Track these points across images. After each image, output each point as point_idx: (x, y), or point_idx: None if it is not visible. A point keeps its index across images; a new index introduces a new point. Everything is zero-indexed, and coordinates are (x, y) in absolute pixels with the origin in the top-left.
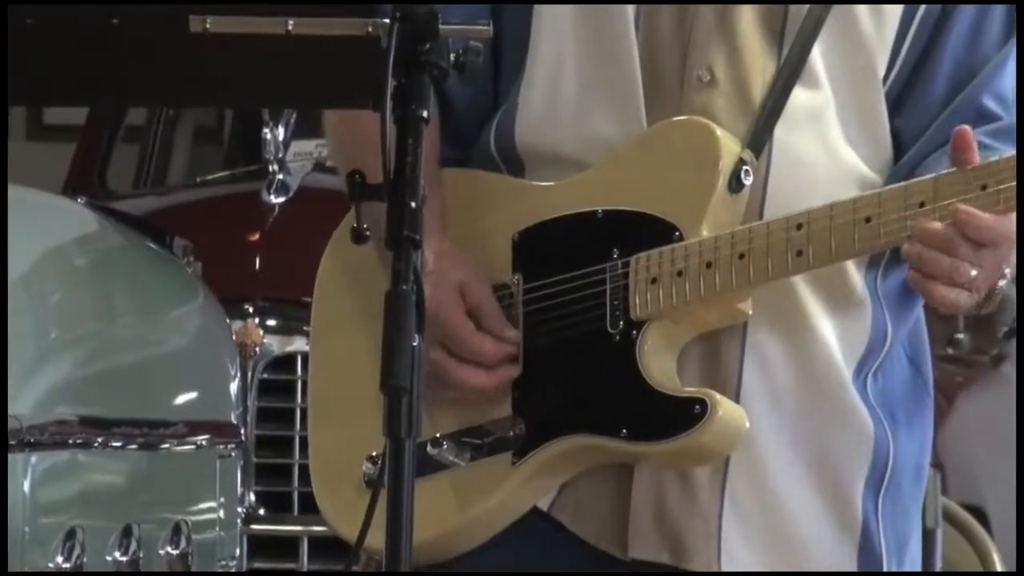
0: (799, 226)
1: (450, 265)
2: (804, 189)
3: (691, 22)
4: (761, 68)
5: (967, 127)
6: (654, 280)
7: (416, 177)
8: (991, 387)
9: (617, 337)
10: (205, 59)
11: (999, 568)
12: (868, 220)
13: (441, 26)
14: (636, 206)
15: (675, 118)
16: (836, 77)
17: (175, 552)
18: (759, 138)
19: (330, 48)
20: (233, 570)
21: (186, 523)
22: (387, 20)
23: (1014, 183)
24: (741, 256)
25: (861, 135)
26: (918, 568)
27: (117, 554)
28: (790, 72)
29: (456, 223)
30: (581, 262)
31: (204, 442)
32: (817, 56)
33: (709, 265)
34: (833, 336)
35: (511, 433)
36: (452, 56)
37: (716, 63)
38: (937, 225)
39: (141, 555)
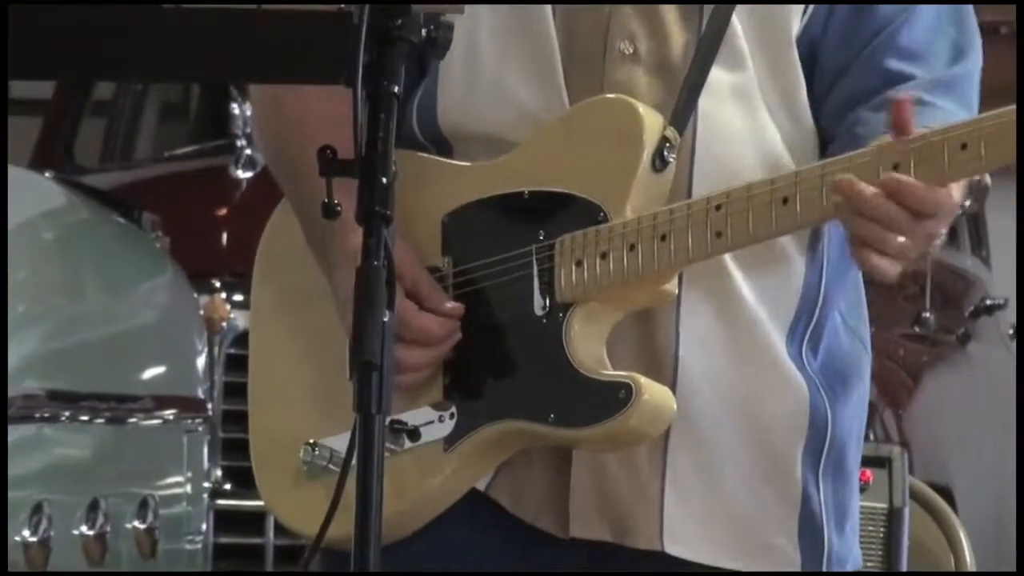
0: (718, 207)
1: None
2: (731, 162)
3: None
4: (683, 42)
5: (906, 98)
6: (579, 262)
7: (388, 153)
8: (958, 366)
9: (544, 320)
10: (177, 34)
11: (966, 547)
12: (785, 201)
13: (413, 3)
14: (561, 187)
15: (598, 96)
16: (755, 48)
17: (142, 526)
18: (683, 115)
19: (302, 23)
20: (199, 544)
21: (153, 498)
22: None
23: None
24: (663, 238)
25: (781, 104)
26: (856, 535)
27: (84, 528)
28: (710, 45)
29: None
30: (508, 244)
31: (171, 417)
32: (736, 26)
33: (632, 247)
34: (760, 302)
35: (441, 419)
36: (424, 32)
37: (638, 36)
38: (870, 190)
39: (108, 529)
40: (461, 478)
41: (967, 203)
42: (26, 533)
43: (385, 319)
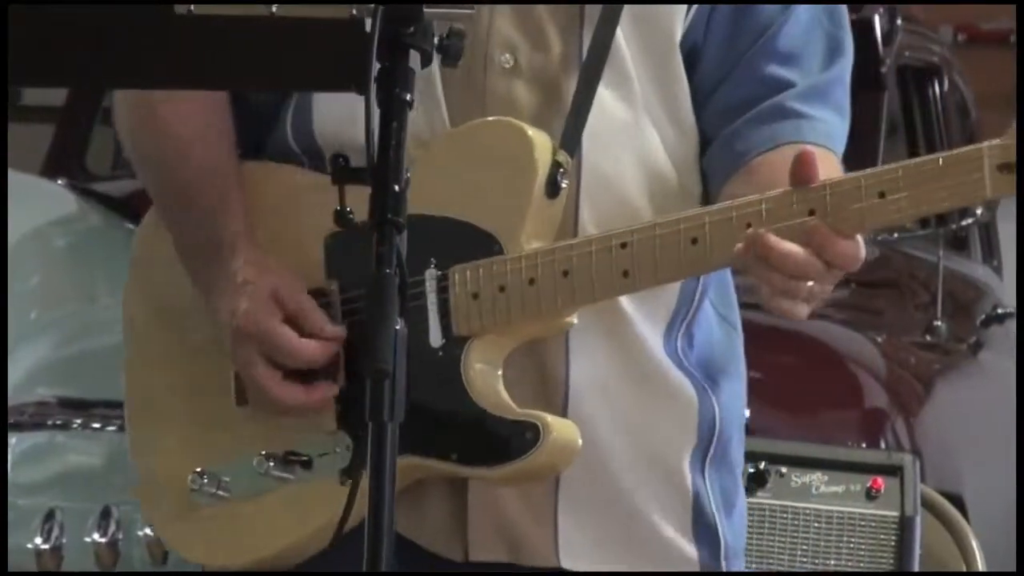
0: (624, 244)
1: (260, 274)
2: (615, 180)
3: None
4: (563, 53)
5: (810, 150)
6: (475, 295)
7: (399, 160)
8: (969, 375)
9: (440, 353)
10: (189, 42)
11: (978, 555)
12: (695, 241)
13: (425, 9)
14: (452, 213)
15: (485, 119)
16: (639, 57)
17: (153, 534)
18: (572, 137)
19: (314, 31)
20: None
21: None
22: (371, 3)
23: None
24: (565, 273)
25: (665, 111)
26: (743, 520)
27: (96, 535)
28: (595, 64)
29: (263, 224)
30: None
31: None
32: (620, 39)
33: (532, 282)
34: (636, 310)
35: (337, 450)
36: (436, 39)
37: (518, 47)
38: (793, 248)
39: (120, 536)
40: (358, 508)
41: (979, 212)
42: (38, 540)
43: (397, 327)
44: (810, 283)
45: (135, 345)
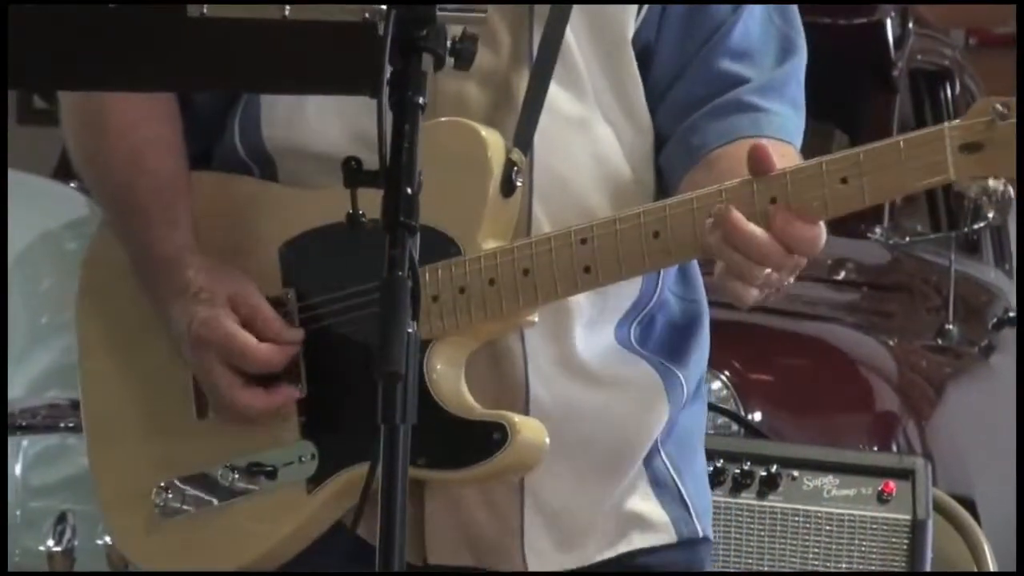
0: (584, 240)
1: (214, 281)
2: (569, 177)
3: None
4: (512, 52)
5: (763, 143)
6: (435, 298)
7: (412, 163)
8: (981, 378)
9: None
10: (201, 45)
11: (989, 559)
12: (656, 235)
13: (438, 12)
14: None
15: (438, 120)
16: (591, 55)
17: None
18: (525, 135)
19: (327, 34)
20: None
21: None
22: (384, 6)
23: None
24: (525, 272)
25: (619, 109)
26: (705, 480)
27: (108, 538)
28: (546, 62)
29: (213, 235)
30: (355, 277)
31: None
32: (570, 38)
33: (492, 282)
34: (586, 304)
35: (302, 459)
36: (449, 42)
37: None
38: (753, 228)
39: None
40: (324, 516)
41: (991, 215)
42: (50, 543)
43: (410, 330)
44: (767, 270)
45: (90, 361)
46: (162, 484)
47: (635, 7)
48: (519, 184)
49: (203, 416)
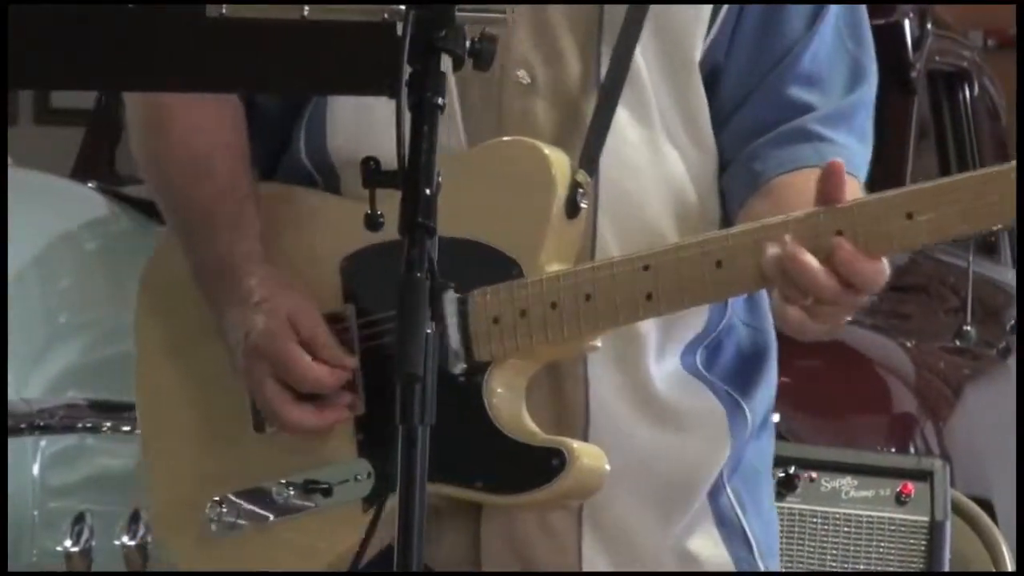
0: (646, 267)
1: (279, 293)
2: (636, 197)
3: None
4: (580, 70)
5: (839, 162)
6: (496, 320)
7: (431, 164)
8: (998, 379)
9: (462, 379)
10: (220, 45)
11: (1007, 560)
12: (720, 264)
13: (457, 13)
14: (469, 235)
15: (500, 139)
16: (658, 76)
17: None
18: (591, 156)
19: (346, 34)
20: None
21: None
22: (403, 6)
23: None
24: (587, 297)
25: (684, 131)
26: (774, 511)
27: (125, 538)
28: (614, 84)
29: (276, 247)
30: None
31: None
32: (639, 59)
33: (554, 306)
34: (655, 332)
35: (358, 477)
36: (468, 43)
37: (534, 63)
38: (814, 264)
39: (150, 539)
40: (381, 535)
41: None
42: (68, 543)
43: (428, 331)
44: (828, 308)
45: (147, 371)
46: (216, 498)
47: (704, 27)
48: (584, 206)
49: (260, 430)
